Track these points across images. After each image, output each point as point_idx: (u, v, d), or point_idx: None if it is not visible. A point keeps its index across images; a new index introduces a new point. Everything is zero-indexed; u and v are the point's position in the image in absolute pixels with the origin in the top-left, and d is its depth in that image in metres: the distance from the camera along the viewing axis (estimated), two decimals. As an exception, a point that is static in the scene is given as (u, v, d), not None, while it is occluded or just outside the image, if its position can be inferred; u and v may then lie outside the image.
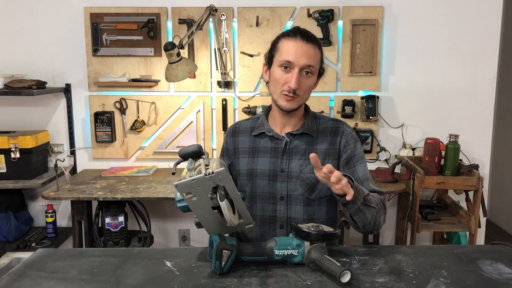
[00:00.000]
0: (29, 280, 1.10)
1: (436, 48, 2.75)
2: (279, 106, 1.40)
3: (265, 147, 1.47)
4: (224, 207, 1.09)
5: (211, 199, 1.13)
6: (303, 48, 1.35)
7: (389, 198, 2.91)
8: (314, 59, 1.37)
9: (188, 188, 1.10)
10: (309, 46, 1.36)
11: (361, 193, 1.27)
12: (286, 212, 1.43)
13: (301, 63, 1.34)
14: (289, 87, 1.35)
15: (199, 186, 1.10)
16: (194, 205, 1.13)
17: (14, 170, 2.55)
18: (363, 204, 1.28)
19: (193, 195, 1.11)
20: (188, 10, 2.71)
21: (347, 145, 1.45)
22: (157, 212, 2.96)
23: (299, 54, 1.34)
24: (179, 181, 1.10)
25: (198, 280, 1.09)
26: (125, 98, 2.80)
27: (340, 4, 2.70)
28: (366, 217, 1.31)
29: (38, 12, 2.75)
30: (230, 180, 1.11)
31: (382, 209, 1.37)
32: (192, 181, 1.09)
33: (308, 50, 1.35)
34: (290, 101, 1.38)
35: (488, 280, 1.11)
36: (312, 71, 1.38)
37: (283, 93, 1.38)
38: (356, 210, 1.28)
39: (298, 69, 1.35)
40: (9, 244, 2.59)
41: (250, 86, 2.79)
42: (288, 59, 1.35)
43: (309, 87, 1.39)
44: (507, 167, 3.84)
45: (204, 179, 1.09)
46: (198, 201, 1.12)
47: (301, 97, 1.38)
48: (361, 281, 1.09)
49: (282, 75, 1.37)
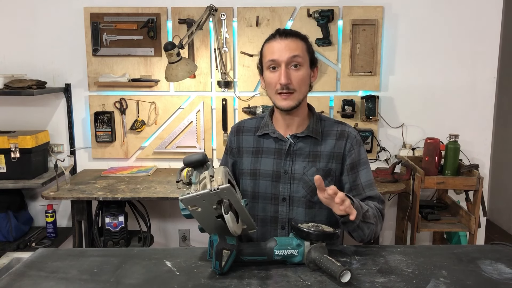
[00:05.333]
0: (29, 280, 1.10)
1: (436, 48, 2.75)
2: (279, 107, 1.41)
3: (269, 148, 1.47)
4: (229, 220, 1.10)
5: (216, 209, 1.13)
6: (283, 44, 1.37)
7: (389, 198, 2.91)
8: (298, 50, 1.37)
9: (193, 202, 1.11)
10: (289, 40, 1.37)
11: (361, 212, 1.29)
12: (288, 213, 1.43)
13: (284, 57, 1.35)
14: (280, 83, 1.36)
15: (204, 200, 1.11)
16: (198, 216, 1.15)
17: (14, 170, 2.55)
18: (362, 221, 1.30)
19: (198, 207, 1.12)
20: (188, 10, 2.71)
21: (352, 149, 1.45)
22: (157, 212, 2.96)
23: (281, 50, 1.36)
24: (184, 196, 1.11)
25: (198, 280, 1.09)
26: (125, 98, 2.80)
27: (340, 4, 2.70)
28: (364, 233, 1.34)
29: (38, 12, 2.75)
30: (234, 195, 1.11)
31: (380, 220, 1.40)
32: (197, 196, 1.10)
33: (289, 44, 1.37)
34: (286, 98, 1.38)
35: (488, 280, 1.11)
36: (299, 62, 1.37)
37: (278, 93, 1.38)
38: (355, 228, 1.31)
39: (284, 65, 1.36)
40: (9, 244, 2.59)
41: (250, 86, 2.79)
42: (272, 58, 1.37)
43: (301, 79, 1.38)
44: (507, 167, 3.84)
45: (209, 195, 1.09)
46: (203, 212, 1.13)
47: (297, 91, 1.38)
48: (361, 281, 1.09)
49: (272, 76, 1.38)
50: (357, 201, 1.30)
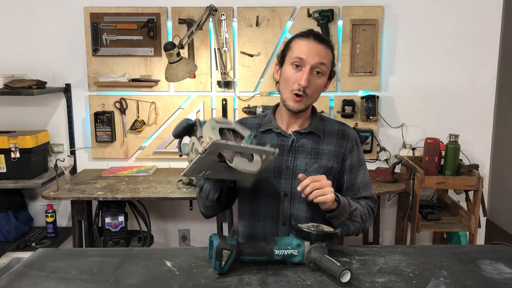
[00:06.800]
0: (29, 280, 1.10)
1: (436, 48, 2.75)
2: (287, 107, 1.42)
3: (271, 144, 1.47)
4: (238, 166, 1.08)
5: (223, 162, 1.12)
6: (315, 47, 1.38)
7: (389, 198, 2.91)
8: (326, 59, 1.39)
9: (195, 171, 1.10)
10: (322, 46, 1.39)
11: (347, 210, 1.34)
12: (289, 209, 1.44)
13: (313, 61, 1.36)
14: (299, 85, 1.36)
15: (204, 163, 1.09)
16: (215, 175, 1.14)
17: (14, 170, 2.55)
18: (348, 219, 1.36)
19: (205, 170, 1.11)
20: (188, 10, 2.71)
21: (352, 150, 1.48)
22: (157, 212, 2.96)
23: (311, 53, 1.37)
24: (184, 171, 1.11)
25: (198, 280, 1.09)
26: (125, 98, 2.80)
27: (340, 4, 2.70)
28: (349, 229, 1.39)
29: (38, 12, 2.75)
30: (226, 144, 1.08)
31: (369, 217, 1.45)
32: (193, 165, 1.09)
33: (320, 50, 1.38)
34: (298, 102, 1.39)
35: (488, 280, 1.11)
36: (323, 71, 1.39)
37: (293, 93, 1.39)
38: (341, 223, 1.36)
39: (309, 67, 1.36)
40: (9, 244, 2.59)
41: (250, 86, 2.79)
42: (300, 56, 1.37)
43: (319, 87, 1.41)
44: (507, 167, 3.84)
45: (203, 158, 1.07)
46: (214, 171, 1.13)
47: (309, 96, 1.40)
48: (361, 281, 1.09)
49: (293, 73, 1.38)
50: (344, 199, 1.35)
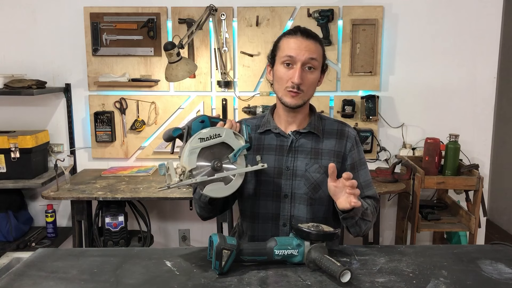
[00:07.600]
0: (29, 280, 1.10)
1: (436, 48, 2.75)
2: (285, 103, 1.41)
3: (270, 145, 1.47)
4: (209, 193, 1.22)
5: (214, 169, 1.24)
6: (304, 43, 1.38)
7: (389, 198, 2.91)
8: (316, 53, 1.39)
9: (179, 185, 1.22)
10: (310, 41, 1.39)
11: (361, 209, 1.32)
12: (289, 210, 1.44)
13: (303, 57, 1.37)
14: (293, 82, 1.37)
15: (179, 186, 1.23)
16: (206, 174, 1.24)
17: (14, 170, 2.55)
18: (360, 218, 1.34)
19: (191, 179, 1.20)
20: (188, 9, 2.71)
21: (352, 149, 1.48)
22: (157, 212, 2.96)
23: (300, 49, 1.37)
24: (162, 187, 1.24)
25: (198, 280, 1.09)
26: (125, 98, 2.80)
27: (340, 4, 2.70)
28: (361, 229, 1.39)
29: (38, 12, 2.75)
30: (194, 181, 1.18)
31: (374, 216, 1.45)
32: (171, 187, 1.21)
33: (309, 45, 1.38)
34: (295, 97, 1.39)
35: (488, 280, 1.11)
36: (314, 66, 1.39)
37: (287, 90, 1.39)
38: (353, 224, 1.34)
39: (301, 64, 1.37)
40: (9, 244, 2.58)
41: (250, 86, 2.79)
42: (290, 54, 1.37)
43: (312, 82, 1.41)
44: (507, 167, 3.84)
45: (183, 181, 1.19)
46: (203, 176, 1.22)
47: (305, 92, 1.40)
48: (361, 281, 1.09)
49: (285, 72, 1.39)
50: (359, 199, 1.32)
